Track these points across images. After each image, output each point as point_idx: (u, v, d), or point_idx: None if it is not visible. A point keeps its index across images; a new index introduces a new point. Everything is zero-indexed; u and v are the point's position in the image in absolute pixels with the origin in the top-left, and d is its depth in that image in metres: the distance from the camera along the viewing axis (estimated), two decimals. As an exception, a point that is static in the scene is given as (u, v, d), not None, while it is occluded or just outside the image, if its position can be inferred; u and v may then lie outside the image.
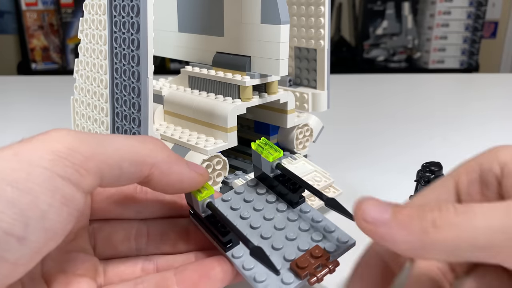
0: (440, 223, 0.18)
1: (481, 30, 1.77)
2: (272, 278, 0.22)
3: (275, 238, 0.25)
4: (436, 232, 0.18)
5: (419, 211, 0.19)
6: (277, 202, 0.27)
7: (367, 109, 0.71)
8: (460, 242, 0.18)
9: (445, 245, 0.18)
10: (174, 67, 1.77)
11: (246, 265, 0.23)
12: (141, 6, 0.28)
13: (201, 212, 0.24)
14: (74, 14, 1.73)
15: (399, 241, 0.19)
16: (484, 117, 0.65)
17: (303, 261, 0.23)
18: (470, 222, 0.18)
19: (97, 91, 0.33)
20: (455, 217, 0.18)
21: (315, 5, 0.39)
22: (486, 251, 0.18)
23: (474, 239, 0.18)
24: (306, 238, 0.25)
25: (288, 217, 0.26)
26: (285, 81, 0.43)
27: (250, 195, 0.27)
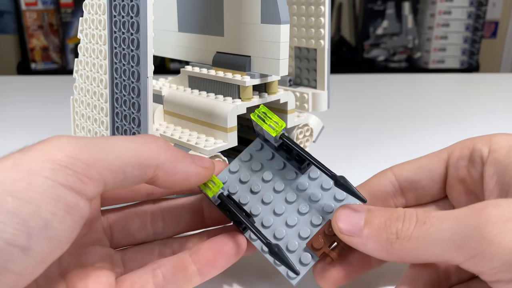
0: (401, 235, 0.21)
1: (481, 30, 1.76)
2: (291, 258, 0.23)
3: (288, 214, 0.25)
4: (399, 243, 0.21)
5: (386, 221, 0.22)
6: (285, 169, 0.27)
7: (368, 109, 0.71)
8: (418, 252, 0.21)
9: (407, 254, 0.21)
10: (174, 67, 1.77)
11: (266, 248, 0.24)
12: (141, 6, 0.28)
13: (214, 202, 0.25)
14: (73, 14, 1.73)
15: (370, 250, 0.22)
16: (484, 117, 0.65)
17: (318, 242, 0.24)
18: (426, 234, 0.20)
19: (97, 91, 0.33)
20: (414, 229, 0.21)
21: (315, 5, 0.39)
22: (441, 256, 0.20)
23: (429, 249, 0.20)
24: (318, 210, 0.25)
25: (298, 187, 0.26)
26: (285, 81, 0.43)
27: (257, 164, 0.27)
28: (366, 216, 0.22)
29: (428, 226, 0.20)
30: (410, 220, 0.21)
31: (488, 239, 0.19)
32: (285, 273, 0.23)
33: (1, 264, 0.17)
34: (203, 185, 0.24)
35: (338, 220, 0.23)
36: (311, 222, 0.25)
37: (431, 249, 0.20)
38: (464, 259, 0.19)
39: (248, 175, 0.27)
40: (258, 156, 0.28)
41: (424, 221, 0.21)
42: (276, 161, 0.27)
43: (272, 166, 0.27)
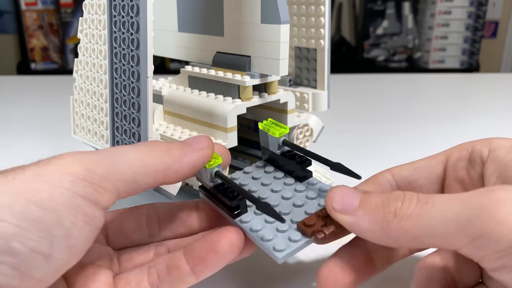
0: (400, 213, 0.20)
1: (481, 30, 1.77)
2: (279, 236, 0.23)
3: (282, 205, 0.25)
4: (397, 222, 0.20)
5: (384, 201, 0.21)
6: (285, 178, 0.28)
7: (368, 109, 0.71)
8: (418, 231, 0.20)
9: (404, 234, 0.20)
10: (174, 67, 1.77)
11: (254, 227, 0.24)
12: (141, 5, 0.28)
13: (210, 182, 0.25)
14: (73, 14, 1.73)
15: (364, 229, 0.21)
16: (484, 117, 0.65)
17: (310, 219, 0.23)
18: (427, 212, 0.20)
19: (97, 91, 0.33)
20: (415, 208, 0.20)
21: (315, 5, 0.39)
22: (442, 239, 0.19)
23: (430, 228, 0.19)
24: (314, 204, 0.25)
25: (295, 188, 0.27)
26: (285, 81, 0.43)
27: (258, 173, 0.28)
28: (362, 196, 0.22)
29: (430, 205, 0.20)
30: (410, 199, 0.20)
31: (497, 218, 0.18)
32: (271, 248, 0.22)
33: (24, 270, 0.17)
34: None
35: (332, 198, 0.22)
36: (305, 211, 0.25)
37: (432, 229, 0.19)
38: (466, 241, 0.19)
39: (247, 180, 0.28)
40: (261, 169, 0.29)
41: (426, 201, 0.20)
42: (277, 173, 0.28)
43: (273, 176, 0.28)
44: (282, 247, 0.22)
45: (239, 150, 0.39)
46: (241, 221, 0.24)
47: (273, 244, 0.22)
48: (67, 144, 0.47)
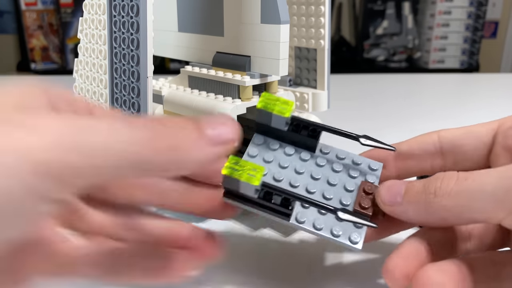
0: (440, 192, 0.21)
1: (481, 30, 1.77)
2: (346, 227, 0.23)
3: (321, 188, 0.25)
4: (438, 201, 0.20)
5: (425, 184, 0.21)
6: (297, 153, 0.26)
7: (368, 109, 0.71)
8: (458, 207, 0.20)
9: (448, 212, 0.20)
10: (174, 67, 1.77)
11: (317, 224, 0.23)
12: (141, 5, 0.28)
13: (254, 194, 0.22)
14: (73, 14, 1.73)
15: (411, 215, 0.22)
16: (485, 117, 0.65)
17: (364, 200, 0.24)
18: (467, 188, 0.20)
19: (97, 91, 0.33)
20: (454, 186, 0.20)
21: (315, 5, 0.39)
22: (483, 213, 0.20)
23: (470, 204, 0.20)
24: (345, 177, 0.25)
25: (317, 163, 0.26)
26: (285, 81, 0.43)
27: (268, 155, 0.26)
28: (407, 185, 0.22)
29: (470, 181, 0.20)
30: (450, 178, 0.21)
31: None
32: (348, 242, 0.23)
33: None
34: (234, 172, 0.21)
35: (381, 193, 0.23)
36: (346, 188, 0.25)
37: (472, 205, 0.20)
38: (506, 213, 0.19)
39: (271, 155, 0.26)
40: (265, 148, 0.26)
41: (465, 177, 0.20)
42: (286, 148, 0.26)
43: (283, 153, 0.26)
44: (357, 239, 0.23)
45: (239, 150, 0.39)
46: (298, 221, 0.23)
47: (347, 237, 0.23)
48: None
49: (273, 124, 0.26)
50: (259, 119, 0.26)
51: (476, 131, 0.26)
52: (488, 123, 0.26)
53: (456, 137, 0.26)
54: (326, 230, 0.23)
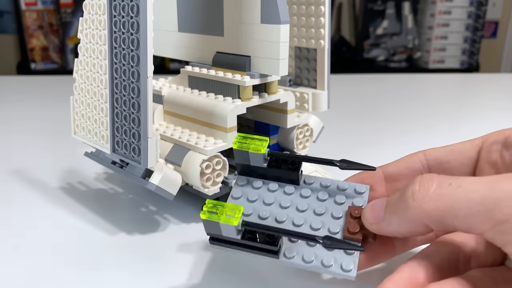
0: (419, 195, 0.20)
1: (481, 30, 1.76)
2: (337, 256, 0.23)
3: (308, 220, 0.25)
4: (417, 205, 0.20)
5: (402, 191, 0.21)
6: (281, 188, 0.26)
7: (368, 109, 0.71)
8: (439, 212, 0.19)
9: (428, 216, 0.20)
10: (174, 67, 1.77)
11: (307, 257, 0.23)
12: (141, 5, 0.28)
13: (237, 235, 0.22)
14: (73, 14, 1.73)
15: (396, 227, 0.21)
16: (485, 117, 0.65)
17: (352, 225, 0.23)
18: (450, 194, 0.19)
19: (97, 91, 0.33)
20: (436, 189, 0.20)
21: (315, 5, 0.39)
22: (466, 221, 0.19)
23: (454, 210, 0.19)
24: (332, 205, 0.25)
25: (301, 194, 0.26)
26: (285, 81, 0.43)
27: (252, 195, 0.26)
28: (387, 200, 0.22)
29: (454, 186, 0.19)
30: (429, 181, 0.20)
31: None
32: (341, 271, 0.22)
33: None
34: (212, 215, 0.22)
35: (365, 213, 0.23)
36: (333, 216, 0.24)
37: (456, 211, 0.19)
38: (491, 225, 0.18)
39: (248, 207, 0.25)
40: (248, 188, 0.26)
41: (449, 182, 0.20)
42: (270, 185, 0.26)
43: (267, 190, 0.26)
44: (350, 266, 0.22)
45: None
46: (287, 257, 0.23)
47: (339, 266, 0.22)
48: (67, 144, 0.47)
49: (252, 163, 0.26)
50: (238, 160, 0.27)
51: (461, 148, 0.26)
52: (472, 140, 0.26)
53: (442, 154, 0.26)
54: (316, 262, 0.22)
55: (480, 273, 0.22)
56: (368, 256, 0.24)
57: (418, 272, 0.21)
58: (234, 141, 0.26)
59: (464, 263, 0.23)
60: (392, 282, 0.21)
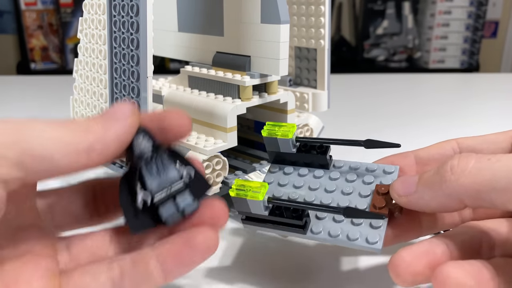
0: (457, 169, 0.20)
1: (481, 29, 1.76)
2: (362, 230, 0.23)
3: (335, 199, 0.25)
4: (455, 178, 0.20)
5: (439, 166, 0.21)
6: (311, 172, 0.27)
7: (368, 109, 0.71)
8: (477, 185, 0.19)
9: (465, 190, 0.19)
10: (174, 67, 1.77)
11: (333, 232, 0.23)
12: (141, 5, 0.28)
13: (264, 211, 0.23)
14: (73, 14, 1.73)
15: (427, 200, 0.21)
16: (485, 117, 0.65)
17: (377, 201, 0.24)
18: (490, 167, 0.19)
19: (97, 90, 0.33)
20: (475, 163, 0.19)
21: (315, 5, 0.39)
22: (506, 194, 0.19)
23: (493, 182, 0.19)
24: (360, 184, 0.25)
25: (330, 177, 0.26)
26: (285, 81, 0.43)
27: (283, 179, 0.27)
28: (420, 175, 0.22)
29: (494, 160, 0.19)
30: (468, 157, 0.20)
31: None
32: (366, 243, 0.22)
33: None
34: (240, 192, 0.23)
35: (395, 186, 0.23)
36: (361, 194, 0.25)
37: (496, 183, 0.19)
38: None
39: (280, 190, 0.27)
40: (280, 174, 0.28)
41: (488, 157, 0.19)
42: (300, 170, 0.27)
43: (297, 175, 0.27)
44: (376, 239, 0.22)
45: (239, 150, 0.39)
46: (313, 232, 0.24)
47: (365, 239, 0.23)
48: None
49: (282, 149, 0.27)
50: (269, 148, 0.28)
51: (494, 138, 0.26)
52: (505, 132, 0.26)
53: (475, 143, 0.26)
54: (342, 236, 0.23)
55: (502, 261, 0.21)
56: (395, 232, 0.24)
57: (437, 248, 0.21)
58: (264, 129, 0.27)
59: (488, 249, 0.23)
60: (407, 251, 0.21)
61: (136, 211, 0.21)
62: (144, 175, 0.21)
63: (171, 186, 0.21)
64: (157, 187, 0.21)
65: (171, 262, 0.20)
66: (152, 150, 0.21)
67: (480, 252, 0.23)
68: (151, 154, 0.21)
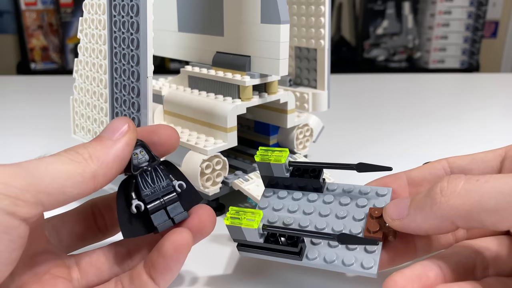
0: (447, 191, 0.20)
1: (481, 29, 1.76)
2: (358, 255, 0.23)
3: (330, 223, 0.25)
4: (445, 200, 0.20)
5: (429, 189, 0.21)
6: (305, 196, 0.27)
7: (368, 109, 0.71)
8: (467, 206, 0.20)
9: (456, 211, 0.20)
10: (174, 67, 1.76)
11: (329, 257, 0.23)
12: (141, 5, 0.28)
13: (260, 238, 0.24)
14: (73, 14, 1.73)
15: (419, 223, 0.21)
16: (485, 116, 0.65)
17: (372, 225, 0.24)
18: (479, 188, 0.19)
19: (97, 90, 0.33)
20: (464, 185, 0.20)
21: (315, 5, 0.39)
22: (495, 214, 0.19)
23: (482, 203, 0.19)
24: (354, 208, 0.25)
25: (324, 201, 0.26)
26: (285, 81, 0.43)
27: (277, 204, 0.27)
28: (411, 197, 0.22)
29: (482, 181, 0.20)
30: (457, 178, 0.20)
31: None
32: (361, 269, 0.23)
33: None
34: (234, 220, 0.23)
35: (388, 210, 0.23)
36: (355, 218, 0.25)
37: (485, 204, 0.19)
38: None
39: (274, 215, 0.26)
40: (274, 198, 0.28)
41: (477, 178, 0.20)
42: (294, 194, 0.27)
43: (291, 199, 0.27)
44: (371, 264, 0.22)
45: (239, 150, 0.39)
46: (309, 258, 0.24)
47: (360, 264, 0.22)
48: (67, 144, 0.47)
49: (275, 174, 0.27)
50: (262, 172, 0.28)
51: (484, 157, 0.26)
52: (495, 150, 0.26)
53: (465, 163, 0.26)
54: (338, 262, 0.23)
55: (494, 281, 0.21)
56: (390, 256, 0.24)
57: (430, 271, 0.21)
58: (257, 154, 0.27)
59: (482, 269, 0.23)
60: (400, 275, 0.21)
61: (130, 218, 0.23)
62: (139, 185, 0.23)
63: (164, 196, 0.23)
64: (151, 197, 0.23)
65: (154, 273, 0.22)
66: (148, 162, 0.23)
67: (474, 272, 0.23)
68: (147, 165, 0.23)
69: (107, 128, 0.23)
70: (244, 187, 0.33)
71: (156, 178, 0.23)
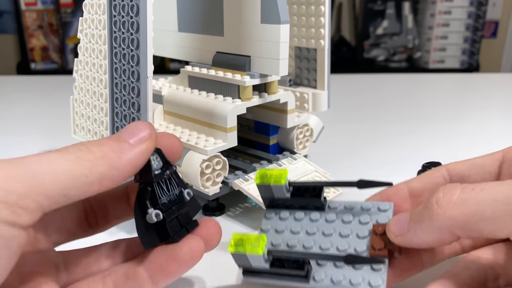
0: (443, 202, 0.20)
1: (481, 29, 1.76)
2: (365, 274, 0.23)
3: (334, 243, 0.25)
4: (441, 211, 0.20)
5: (426, 200, 0.21)
6: (307, 215, 0.27)
7: (368, 109, 0.71)
8: (464, 216, 0.19)
9: (453, 221, 0.20)
10: (174, 67, 1.76)
11: (336, 278, 0.23)
12: (141, 5, 0.28)
13: (265, 264, 0.23)
14: (73, 14, 1.73)
15: (421, 237, 0.21)
16: (485, 117, 0.65)
17: (376, 242, 0.24)
18: (475, 197, 0.19)
19: (97, 90, 0.33)
20: (460, 194, 0.20)
21: (315, 5, 0.39)
22: (492, 223, 0.19)
23: (479, 212, 0.19)
24: (357, 225, 0.25)
25: (326, 219, 0.26)
26: (285, 81, 0.43)
27: (280, 226, 0.27)
28: (411, 211, 0.22)
29: (477, 190, 0.19)
30: (452, 188, 0.20)
31: None
32: (368, 287, 0.22)
33: None
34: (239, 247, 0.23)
35: (390, 227, 0.23)
36: (359, 236, 0.25)
37: (481, 213, 0.19)
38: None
39: (277, 238, 0.26)
40: (276, 220, 0.27)
41: (472, 187, 0.20)
42: (296, 214, 0.27)
43: (293, 219, 0.27)
44: (378, 282, 0.22)
45: (239, 150, 0.39)
46: (316, 280, 0.23)
47: (367, 283, 0.22)
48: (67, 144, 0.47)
49: (276, 195, 0.27)
50: (263, 194, 0.28)
51: (481, 162, 0.26)
52: (492, 154, 0.26)
53: (463, 169, 0.26)
54: (345, 282, 0.23)
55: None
56: (396, 272, 0.24)
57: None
58: (256, 176, 0.27)
59: (493, 280, 0.23)
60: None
61: (147, 228, 0.22)
62: (157, 193, 0.22)
63: (178, 204, 0.23)
64: (167, 206, 0.22)
65: (159, 274, 0.22)
66: (162, 170, 0.23)
67: (486, 284, 0.22)
68: (161, 173, 0.22)
69: (127, 129, 0.21)
70: (244, 187, 0.33)
71: (170, 186, 0.23)
